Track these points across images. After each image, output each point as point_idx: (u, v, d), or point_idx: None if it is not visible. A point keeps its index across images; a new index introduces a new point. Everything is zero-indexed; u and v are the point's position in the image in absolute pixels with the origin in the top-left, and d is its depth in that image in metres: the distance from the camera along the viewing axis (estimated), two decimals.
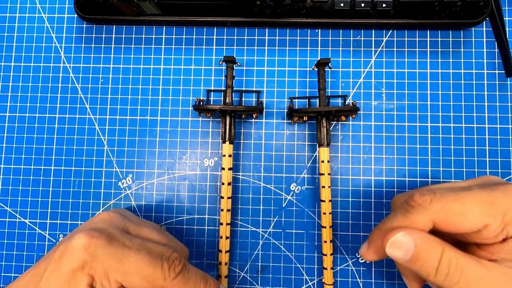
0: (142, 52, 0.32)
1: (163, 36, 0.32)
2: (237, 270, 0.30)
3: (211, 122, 0.31)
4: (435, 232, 0.21)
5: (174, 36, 0.32)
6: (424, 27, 0.31)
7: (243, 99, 0.31)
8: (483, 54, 0.31)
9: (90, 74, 0.32)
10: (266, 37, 0.32)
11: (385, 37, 0.31)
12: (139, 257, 0.21)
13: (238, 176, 0.31)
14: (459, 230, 0.20)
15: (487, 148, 0.30)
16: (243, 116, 0.31)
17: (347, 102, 0.31)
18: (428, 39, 0.31)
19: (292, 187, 0.30)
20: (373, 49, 0.31)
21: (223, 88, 0.31)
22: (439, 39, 0.31)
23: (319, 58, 0.31)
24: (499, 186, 0.20)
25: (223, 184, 0.28)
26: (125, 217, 0.25)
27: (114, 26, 0.32)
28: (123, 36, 0.32)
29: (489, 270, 0.19)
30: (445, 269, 0.19)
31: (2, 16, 0.33)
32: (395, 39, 0.31)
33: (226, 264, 0.28)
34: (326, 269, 0.28)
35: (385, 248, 0.21)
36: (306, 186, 0.30)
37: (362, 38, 0.31)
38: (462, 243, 0.22)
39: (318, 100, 0.28)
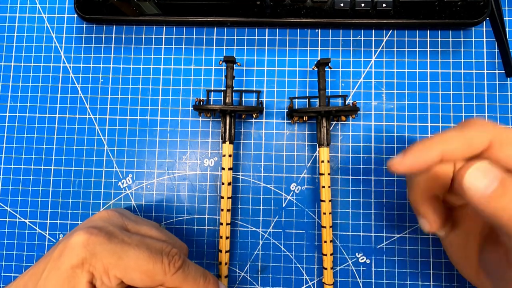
0: (142, 52, 0.32)
1: (163, 36, 0.32)
2: (237, 270, 0.30)
3: (211, 122, 0.31)
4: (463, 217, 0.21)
5: (174, 36, 0.32)
6: (424, 27, 0.31)
7: (243, 99, 0.31)
8: (483, 54, 0.31)
9: (90, 74, 0.32)
10: (266, 37, 0.32)
11: (385, 37, 0.31)
12: (138, 252, 0.21)
13: (238, 176, 0.31)
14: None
15: None
16: (243, 116, 0.31)
17: (347, 102, 0.31)
18: (428, 39, 0.31)
19: (292, 187, 0.30)
20: (373, 49, 0.31)
21: (223, 88, 0.31)
22: (439, 39, 0.31)
23: (319, 58, 0.31)
24: None
25: (223, 184, 0.28)
26: (124, 216, 0.25)
27: (114, 26, 0.32)
28: (123, 36, 0.32)
29: None
30: None
31: (2, 16, 0.33)
32: (395, 39, 0.31)
33: (226, 264, 0.28)
34: (326, 269, 0.28)
35: (463, 177, 0.17)
36: (306, 186, 0.30)
37: (362, 38, 0.31)
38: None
39: (318, 100, 0.28)
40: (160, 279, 0.21)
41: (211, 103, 0.31)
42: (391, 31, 0.31)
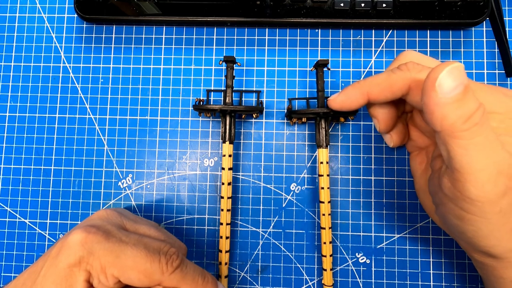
0: (142, 52, 0.32)
1: (163, 36, 0.32)
2: (237, 270, 0.30)
3: (211, 122, 0.31)
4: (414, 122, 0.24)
5: (174, 36, 0.32)
6: (424, 27, 0.31)
7: (243, 99, 0.31)
8: (483, 54, 0.31)
9: (90, 74, 0.32)
10: (266, 37, 0.32)
11: (385, 37, 0.31)
12: (136, 251, 0.21)
13: (238, 176, 0.31)
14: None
15: None
16: (243, 116, 0.31)
17: None
18: (428, 39, 0.31)
19: (292, 187, 0.30)
20: (373, 49, 0.31)
21: (223, 88, 0.31)
22: (439, 39, 0.31)
23: (319, 58, 0.31)
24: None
25: (223, 184, 0.28)
26: (123, 215, 0.25)
27: (114, 26, 0.32)
28: (123, 36, 0.32)
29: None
30: (476, 119, 0.17)
31: (2, 16, 0.33)
32: (395, 39, 0.31)
33: (226, 264, 0.28)
34: (325, 270, 0.28)
35: (440, 73, 0.17)
36: (306, 186, 0.30)
37: (362, 38, 0.31)
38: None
39: (317, 101, 0.28)
40: (157, 278, 0.21)
41: (211, 103, 0.31)
42: (391, 31, 0.31)
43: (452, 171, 0.18)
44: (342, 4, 0.29)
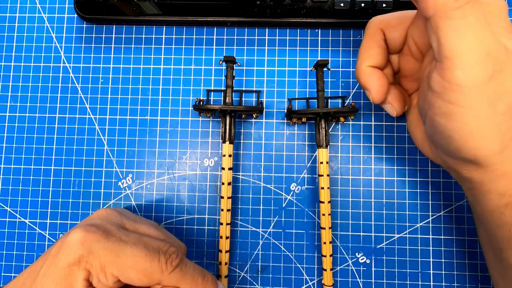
0: (142, 52, 0.32)
1: (163, 36, 0.32)
2: (237, 270, 0.30)
3: (211, 122, 0.31)
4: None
5: (174, 36, 0.32)
6: None
7: (243, 99, 0.31)
8: None
9: (90, 74, 0.32)
10: (266, 37, 0.32)
11: None
12: (135, 251, 0.21)
13: (238, 176, 0.31)
14: None
15: None
16: (243, 116, 0.31)
17: (346, 103, 0.31)
18: None
19: (292, 187, 0.30)
20: None
21: (223, 88, 0.31)
22: None
23: (319, 58, 0.31)
24: None
25: (223, 184, 0.28)
26: (123, 214, 0.25)
27: (114, 26, 0.32)
28: (123, 36, 0.32)
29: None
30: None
31: (2, 16, 0.33)
32: None
33: (226, 264, 0.28)
34: (325, 270, 0.28)
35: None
36: (306, 186, 0.30)
37: (362, 38, 0.31)
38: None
39: (316, 101, 0.28)
40: (157, 277, 0.21)
41: (211, 103, 0.31)
42: None
43: (441, 61, 0.19)
44: (342, 4, 0.29)
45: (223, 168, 0.28)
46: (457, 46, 0.18)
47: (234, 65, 0.29)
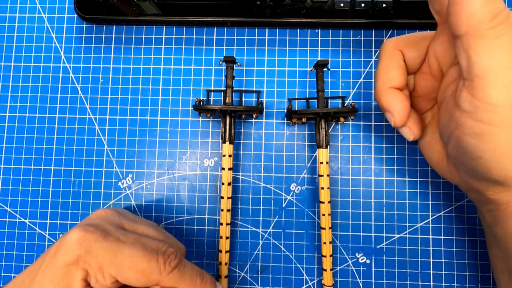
0: (142, 52, 0.32)
1: (163, 36, 0.32)
2: (237, 270, 0.30)
3: (211, 122, 0.31)
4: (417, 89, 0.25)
5: (174, 36, 0.32)
6: (424, 27, 0.31)
7: (243, 99, 0.31)
8: None
9: (90, 74, 0.32)
10: (266, 37, 0.32)
11: (385, 37, 0.31)
12: (133, 251, 0.21)
13: (238, 176, 0.31)
14: None
15: None
16: (243, 116, 0.31)
17: (346, 103, 0.31)
18: None
19: (292, 187, 0.30)
20: (373, 49, 0.31)
21: (223, 88, 0.31)
22: None
23: (319, 58, 0.31)
24: None
25: (223, 184, 0.28)
26: (122, 215, 0.25)
27: (114, 26, 0.32)
28: (123, 36, 0.32)
29: None
30: (503, 17, 0.17)
31: (2, 16, 0.33)
32: None
33: (226, 264, 0.28)
34: (325, 270, 0.28)
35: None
36: (306, 186, 0.30)
37: (362, 38, 0.31)
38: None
39: (316, 102, 0.28)
40: (155, 278, 0.21)
41: (211, 103, 0.31)
42: (391, 31, 0.31)
43: (472, 80, 0.18)
44: (342, 4, 0.29)
45: (223, 168, 0.28)
46: (490, 65, 0.18)
47: (234, 65, 0.29)
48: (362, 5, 0.29)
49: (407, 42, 0.24)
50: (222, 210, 0.28)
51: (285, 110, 0.31)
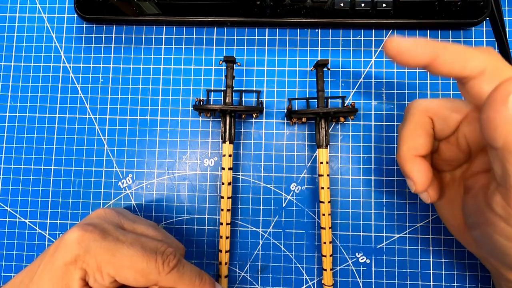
0: (142, 52, 0.32)
1: (163, 36, 0.32)
2: (237, 270, 0.30)
3: (211, 122, 0.31)
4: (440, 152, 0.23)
5: (174, 36, 0.32)
6: (424, 27, 0.31)
7: (243, 99, 0.31)
8: None
9: (90, 74, 0.32)
10: (266, 37, 0.32)
11: (385, 37, 0.31)
12: (132, 251, 0.21)
13: (238, 176, 0.31)
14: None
15: None
16: (243, 116, 0.31)
17: (346, 103, 0.31)
18: (428, 39, 0.31)
19: (292, 187, 0.30)
20: (373, 49, 0.31)
21: (223, 88, 0.31)
22: (439, 39, 0.31)
23: (319, 58, 0.31)
24: None
25: (223, 184, 0.28)
26: (121, 214, 0.25)
27: (114, 26, 0.32)
28: (123, 36, 0.32)
29: None
30: None
31: (2, 16, 0.33)
32: None
33: (226, 264, 0.28)
34: (325, 270, 0.28)
35: (502, 104, 0.16)
36: (306, 186, 0.30)
37: (362, 38, 0.31)
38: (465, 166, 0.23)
39: (316, 101, 0.28)
40: (154, 278, 0.21)
41: (211, 103, 0.31)
42: (391, 31, 0.31)
43: (508, 189, 0.17)
44: (342, 4, 0.29)
45: (223, 168, 0.28)
46: None
47: (234, 65, 0.29)
48: (362, 5, 0.29)
49: (439, 111, 0.22)
50: (222, 210, 0.28)
51: (285, 110, 0.31)
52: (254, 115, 0.29)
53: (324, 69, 0.29)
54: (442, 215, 0.25)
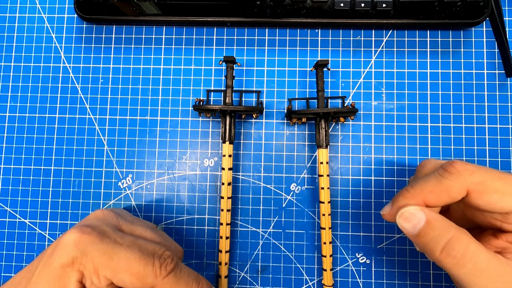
0: (142, 52, 0.32)
1: (163, 36, 0.32)
2: (237, 270, 0.30)
3: (211, 122, 0.31)
4: (451, 212, 0.24)
5: (174, 36, 0.32)
6: (424, 27, 0.31)
7: (243, 99, 0.31)
8: (483, 54, 0.31)
9: (90, 74, 0.32)
10: (266, 37, 0.32)
11: (385, 37, 0.31)
12: (129, 254, 0.21)
13: (238, 176, 0.31)
14: (489, 207, 0.20)
15: (487, 148, 0.30)
16: (243, 116, 0.31)
17: (346, 103, 0.31)
18: (428, 39, 0.31)
19: (292, 187, 0.30)
20: (373, 49, 0.31)
21: (223, 88, 0.31)
22: (439, 39, 0.31)
23: (319, 58, 0.31)
24: None
25: (223, 184, 0.28)
26: (120, 216, 0.25)
27: (114, 26, 0.32)
28: (123, 36, 0.32)
29: (501, 263, 0.19)
30: (453, 251, 0.19)
31: (2, 16, 0.33)
32: (395, 39, 0.31)
33: (226, 264, 0.28)
34: (325, 270, 0.28)
35: (396, 218, 0.21)
36: (306, 186, 0.30)
37: (362, 38, 0.31)
38: (476, 231, 0.22)
39: (316, 102, 0.28)
40: (150, 281, 0.20)
41: (211, 103, 0.31)
42: (391, 31, 0.31)
43: None
44: (342, 4, 0.29)
45: (223, 168, 0.28)
46: None
47: (234, 65, 0.29)
48: (362, 5, 0.29)
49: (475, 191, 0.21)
50: (222, 210, 0.28)
51: (285, 110, 0.31)
52: (254, 115, 0.29)
53: (324, 69, 0.29)
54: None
